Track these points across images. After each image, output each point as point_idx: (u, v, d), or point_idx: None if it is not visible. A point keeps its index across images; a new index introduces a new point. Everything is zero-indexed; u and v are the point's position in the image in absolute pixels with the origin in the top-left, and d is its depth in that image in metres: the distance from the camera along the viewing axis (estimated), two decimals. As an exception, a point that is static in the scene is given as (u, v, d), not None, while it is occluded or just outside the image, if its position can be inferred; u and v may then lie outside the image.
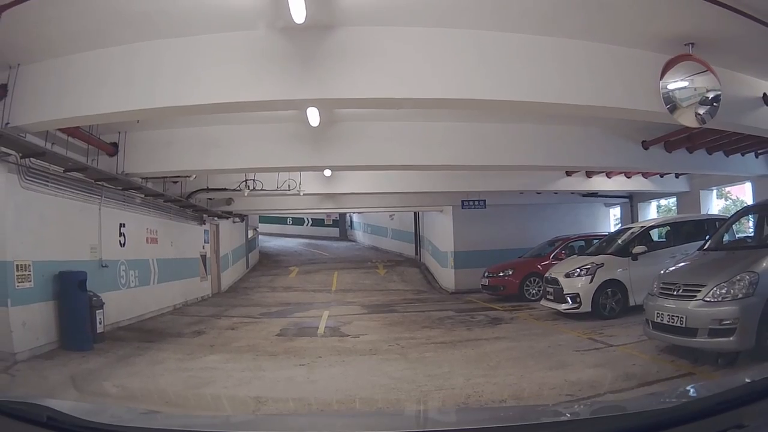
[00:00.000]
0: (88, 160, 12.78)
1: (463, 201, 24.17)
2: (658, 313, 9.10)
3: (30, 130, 10.38)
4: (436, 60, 8.80)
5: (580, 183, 20.01)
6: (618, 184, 19.92)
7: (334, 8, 8.09)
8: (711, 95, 8.31)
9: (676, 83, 8.51)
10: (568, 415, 2.93)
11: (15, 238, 11.47)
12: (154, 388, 9.32)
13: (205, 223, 24.46)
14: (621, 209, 26.12)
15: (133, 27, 8.79)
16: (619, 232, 16.82)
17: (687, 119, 8.68)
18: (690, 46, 8.49)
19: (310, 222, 53.34)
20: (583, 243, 19.40)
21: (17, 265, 11.36)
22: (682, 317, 8.52)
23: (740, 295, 7.98)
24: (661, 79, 8.54)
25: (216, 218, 25.73)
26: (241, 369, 10.29)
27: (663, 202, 24.46)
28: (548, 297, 15.30)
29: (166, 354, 11.94)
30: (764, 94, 10.24)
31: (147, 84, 9.22)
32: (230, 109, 10.42)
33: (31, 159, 11.59)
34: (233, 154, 14.17)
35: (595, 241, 17.98)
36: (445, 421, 3.48)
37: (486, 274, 21.48)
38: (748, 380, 2.68)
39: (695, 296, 8.46)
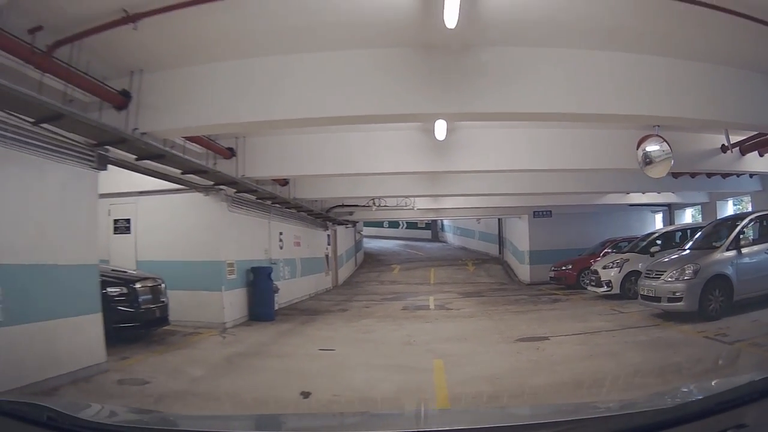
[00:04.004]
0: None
1: (534, 211, 28.60)
2: (643, 288, 14.10)
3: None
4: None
5: (620, 198, 24.33)
6: (650, 198, 24.19)
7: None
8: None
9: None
10: (569, 415, 2.78)
11: (226, 245, 15.77)
12: (338, 335, 14.20)
13: (327, 229, 28.94)
14: (663, 215, 29.41)
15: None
16: (645, 236, 20.79)
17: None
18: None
19: (405, 225, 55.77)
20: (627, 243, 21.86)
21: (227, 263, 15.67)
22: (653, 290, 13.48)
23: (686, 278, 12.81)
24: None
25: (335, 225, 30.16)
26: (389, 326, 15.55)
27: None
28: (592, 284, 20.09)
29: (332, 320, 17.20)
30: (722, 145, 14.40)
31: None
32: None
33: (234, 191, 15.74)
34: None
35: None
36: (445, 421, 3.48)
37: (552, 268, 25.88)
38: (748, 380, 2.65)
39: (660, 277, 13.37)
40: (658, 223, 29.62)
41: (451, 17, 7.30)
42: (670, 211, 28.47)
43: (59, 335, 9.14)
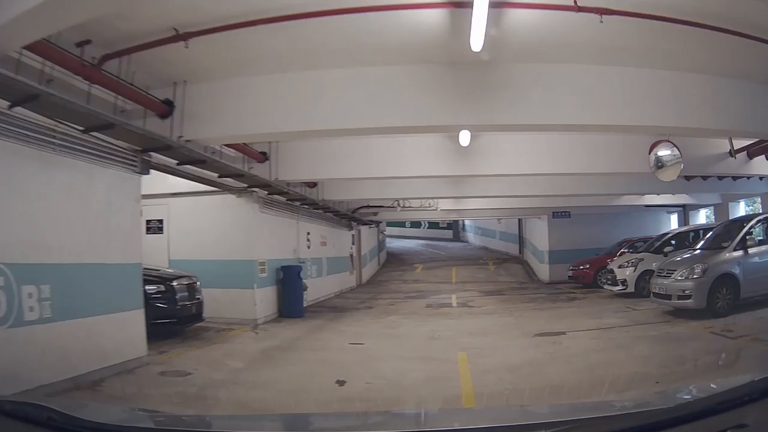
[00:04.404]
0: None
1: (553, 212, 29.12)
2: (655, 286, 14.75)
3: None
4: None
5: (635, 199, 25.05)
6: (665, 199, 24.87)
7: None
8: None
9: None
10: (569, 415, 2.75)
11: (258, 245, 16.34)
12: (366, 331, 14.91)
13: (352, 229, 29.65)
14: (678, 216, 29.93)
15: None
16: (659, 237, 21.43)
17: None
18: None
19: (427, 225, 56.05)
20: (642, 243, 22.46)
21: (259, 262, 16.22)
22: (664, 288, 14.14)
23: (695, 276, 13.44)
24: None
25: (359, 225, 30.76)
26: (414, 322, 16.36)
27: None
28: (608, 282, 20.64)
29: (359, 316, 17.98)
30: (730, 150, 14.99)
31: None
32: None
33: (266, 193, 16.48)
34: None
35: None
36: (445, 421, 3.47)
37: (570, 267, 26.33)
38: (748, 380, 2.64)
39: (671, 276, 14.03)
40: (673, 223, 30.09)
41: (476, 42, 7.87)
42: (684, 211, 28.97)
43: (104, 330, 9.62)
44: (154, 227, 16.20)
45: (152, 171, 11.43)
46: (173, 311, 12.68)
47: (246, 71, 10.09)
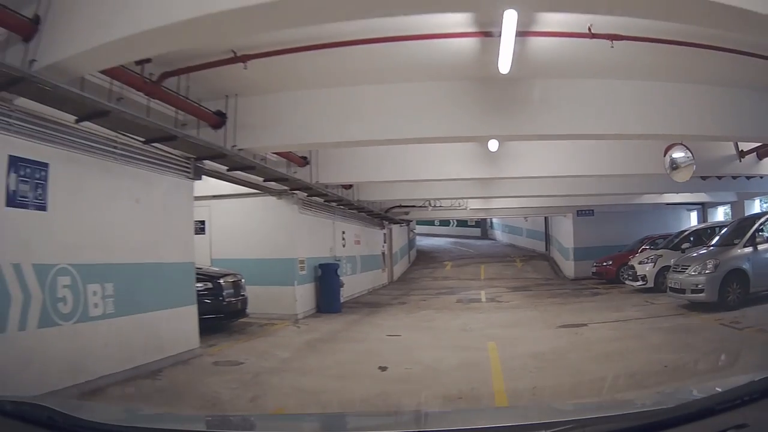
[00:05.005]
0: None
1: (577, 210, 29.58)
2: (671, 281, 15.61)
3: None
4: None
5: (655, 198, 25.75)
6: (683, 197, 25.34)
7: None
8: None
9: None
10: (569, 415, 2.75)
11: (298, 244, 17.15)
12: (402, 324, 15.87)
13: (383, 228, 30.26)
14: (697, 213, 30.47)
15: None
16: (677, 234, 21.89)
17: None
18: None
19: (455, 223, 56.05)
20: (663, 240, 22.74)
21: (299, 260, 17.06)
22: (679, 283, 14.97)
23: (706, 272, 14.23)
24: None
25: (390, 224, 31.37)
26: (446, 316, 17.27)
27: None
28: (629, 278, 21.37)
29: (393, 311, 18.90)
30: (740, 151, 15.89)
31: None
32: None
33: (306, 195, 17.27)
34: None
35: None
36: (445, 422, 3.41)
37: (594, 264, 27.03)
38: (748, 380, 2.63)
39: (685, 271, 14.84)
40: (693, 220, 30.48)
41: (504, 66, 8.73)
42: (703, 209, 29.49)
43: (161, 324, 10.25)
44: (197, 228, 15.97)
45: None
46: (220, 307, 13.35)
47: (294, 86, 10.96)
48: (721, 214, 29.12)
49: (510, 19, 7.45)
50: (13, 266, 7.35)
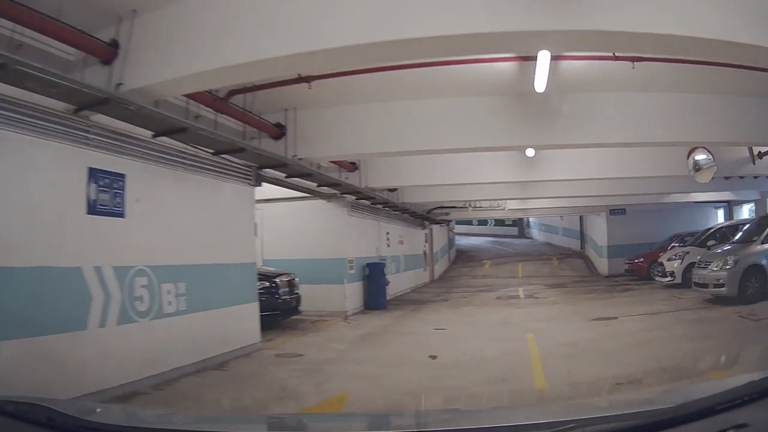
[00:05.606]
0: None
1: (610, 209, 30.38)
2: (695, 276, 16.51)
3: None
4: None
5: (683, 196, 26.22)
6: (710, 196, 25.81)
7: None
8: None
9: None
10: (569, 415, 2.65)
11: (347, 245, 17.95)
12: (446, 319, 16.62)
13: (424, 228, 30.94)
14: (724, 211, 30.72)
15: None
16: (703, 231, 22.27)
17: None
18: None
19: (493, 222, 55.80)
20: (691, 237, 23.33)
21: (348, 260, 17.82)
22: (702, 278, 15.88)
23: (728, 267, 15.12)
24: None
25: (431, 224, 31.91)
26: (487, 311, 18.38)
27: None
28: (659, 275, 22.36)
29: (437, 307, 19.87)
30: (753, 153, 16.68)
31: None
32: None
33: (354, 198, 18.02)
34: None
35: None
36: (445, 422, 3.37)
37: (626, 261, 27.43)
38: (748, 380, 2.58)
39: (708, 267, 15.76)
40: (720, 218, 30.58)
41: (540, 86, 9.51)
42: (729, 207, 29.91)
43: (227, 320, 10.86)
44: (250, 231, 17.57)
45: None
46: (276, 304, 13.86)
47: (348, 101, 11.76)
48: (746, 211, 29.42)
49: (544, 57, 8.59)
50: (95, 269, 7.99)
